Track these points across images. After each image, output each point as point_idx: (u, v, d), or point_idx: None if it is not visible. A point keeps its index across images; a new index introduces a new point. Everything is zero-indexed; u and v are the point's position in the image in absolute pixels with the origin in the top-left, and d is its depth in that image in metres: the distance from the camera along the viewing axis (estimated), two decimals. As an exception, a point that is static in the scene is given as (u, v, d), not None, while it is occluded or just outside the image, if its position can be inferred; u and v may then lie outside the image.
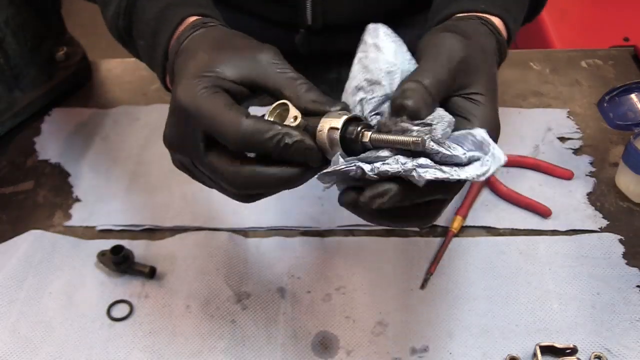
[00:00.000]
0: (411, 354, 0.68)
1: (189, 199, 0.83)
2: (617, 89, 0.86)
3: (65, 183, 0.86)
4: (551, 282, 0.74)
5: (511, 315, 0.71)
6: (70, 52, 1.00)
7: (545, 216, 0.80)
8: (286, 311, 0.71)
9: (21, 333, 0.70)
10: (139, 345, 0.69)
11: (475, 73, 0.56)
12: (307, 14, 0.94)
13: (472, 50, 0.56)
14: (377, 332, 0.70)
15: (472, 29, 0.60)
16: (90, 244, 0.78)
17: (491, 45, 0.61)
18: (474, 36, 0.58)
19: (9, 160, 0.90)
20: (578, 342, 0.68)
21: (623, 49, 1.06)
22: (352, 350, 0.68)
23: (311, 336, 0.69)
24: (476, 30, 0.61)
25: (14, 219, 0.82)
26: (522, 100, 0.97)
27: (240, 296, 0.72)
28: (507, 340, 0.69)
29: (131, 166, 0.88)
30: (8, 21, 0.90)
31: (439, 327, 0.70)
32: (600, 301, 0.72)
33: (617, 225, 0.79)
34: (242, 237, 0.79)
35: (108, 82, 1.03)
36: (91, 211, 0.82)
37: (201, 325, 0.70)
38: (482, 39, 0.60)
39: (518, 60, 1.03)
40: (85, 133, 0.93)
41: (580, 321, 0.70)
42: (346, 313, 0.71)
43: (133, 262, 0.75)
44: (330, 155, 0.51)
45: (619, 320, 0.70)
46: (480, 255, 0.76)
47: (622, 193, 0.83)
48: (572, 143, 0.90)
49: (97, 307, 0.72)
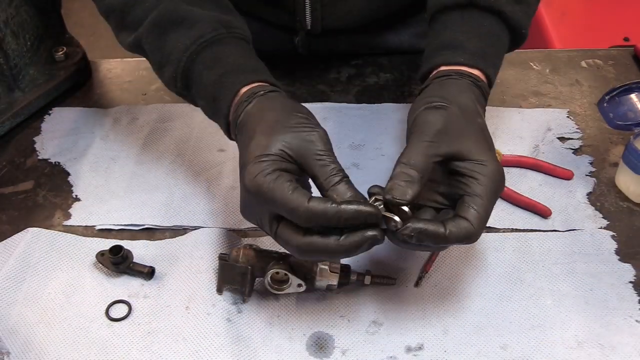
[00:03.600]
0: (406, 352, 0.68)
1: (188, 199, 0.83)
2: (617, 89, 0.86)
3: (65, 183, 0.86)
4: (544, 279, 0.74)
5: (505, 313, 0.71)
6: (70, 52, 1.00)
7: (545, 216, 0.80)
8: (281, 312, 0.71)
9: (20, 333, 0.70)
10: (138, 345, 0.69)
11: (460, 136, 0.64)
12: (306, 19, 0.95)
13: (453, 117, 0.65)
14: (372, 331, 0.70)
15: (454, 91, 0.68)
16: (89, 243, 0.78)
17: (472, 98, 0.68)
18: (453, 101, 0.66)
19: (9, 160, 0.90)
20: (571, 338, 0.68)
21: (623, 49, 1.06)
22: (348, 350, 0.68)
23: (306, 336, 0.69)
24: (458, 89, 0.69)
25: (14, 219, 0.82)
26: (522, 100, 0.97)
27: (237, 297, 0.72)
28: (502, 337, 0.69)
29: (131, 166, 0.88)
30: (8, 21, 0.90)
31: (433, 325, 0.70)
32: (594, 297, 0.72)
33: (617, 225, 0.79)
34: (240, 237, 0.79)
35: (108, 82, 1.03)
36: (91, 211, 0.82)
37: (200, 325, 0.70)
38: (463, 98, 0.67)
39: (518, 60, 1.03)
40: (85, 133, 0.93)
41: (574, 317, 0.70)
42: (341, 312, 0.71)
43: (132, 263, 0.75)
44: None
45: (612, 316, 0.70)
46: (474, 253, 0.76)
47: (622, 193, 0.83)
48: (572, 143, 0.90)
49: (96, 307, 0.72)
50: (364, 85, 1.00)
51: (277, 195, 0.60)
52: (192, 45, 0.71)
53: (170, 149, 0.90)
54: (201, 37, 0.71)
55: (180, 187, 0.85)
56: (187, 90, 0.73)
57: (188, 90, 0.73)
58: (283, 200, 0.59)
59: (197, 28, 0.71)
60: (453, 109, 0.65)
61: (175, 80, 0.72)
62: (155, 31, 0.73)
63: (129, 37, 0.76)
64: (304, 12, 0.94)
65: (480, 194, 0.62)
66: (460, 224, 0.60)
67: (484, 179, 0.62)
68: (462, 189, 0.62)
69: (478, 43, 0.73)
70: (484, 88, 0.71)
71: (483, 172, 0.62)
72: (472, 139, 0.64)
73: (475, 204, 0.61)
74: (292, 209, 0.59)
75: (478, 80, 0.71)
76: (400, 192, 0.60)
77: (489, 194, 0.62)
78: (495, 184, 0.63)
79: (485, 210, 0.62)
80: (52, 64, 0.99)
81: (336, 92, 0.99)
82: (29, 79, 0.95)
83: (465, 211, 0.61)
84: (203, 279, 0.74)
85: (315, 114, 0.94)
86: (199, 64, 0.71)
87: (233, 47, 0.72)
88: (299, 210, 0.59)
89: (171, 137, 0.92)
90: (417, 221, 0.60)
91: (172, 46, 0.72)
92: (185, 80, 0.72)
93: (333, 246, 0.60)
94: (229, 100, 0.68)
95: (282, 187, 0.60)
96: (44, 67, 0.98)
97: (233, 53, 0.71)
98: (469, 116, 0.66)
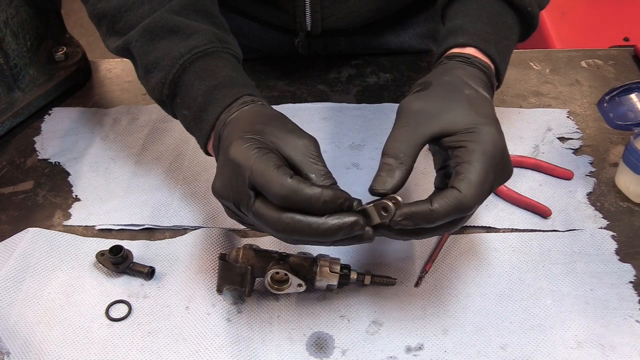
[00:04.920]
0: (406, 352, 0.68)
1: (188, 199, 0.83)
2: (617, 89, 0.86)
3: (64, 183, 0.86)
4: (545, 279, 0.74)
5: (505, 313, 0.71)
6: (70, 52, 1.00)
7: (545, 216, 0.80)
8: (281, 312, 0.71)
9: (20, 333, 0.70)
10: (138, 345, 0.69)
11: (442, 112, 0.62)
12: (307, 20, 0.95)
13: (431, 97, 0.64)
14: (372, 331, 0.70)
15: (438, 72, 0.68)
16: (89, 243, 0.78)
17: (458, 74, 0.67)
18: (434, 82, 0.65)
19: (9, 160, 0.90)
20: (571, 338, 0.68)
21: (623, 49, 1.06)
22: (348, 350, 0.68)
23: (306, 336, 0.69)
24: (442, 70, 0.68)
25: (14, 219, 0.82)
26: (522, 100, 0.97)
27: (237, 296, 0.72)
28: (502, 337, 0.69)
29: (131, 166, 0.88)
30: (8, 21, 0.90)
31: (433, 325, 0.70)
32: (594, 297, 0.72)
33: (617, 225, 0.79)
34: (240, 237, 0.79)
35: (108, 82, 1.03)
36: (90, 211, 0.82)
37: (200, 325, 0.70)
38: (447, 76, 0.66)
39: (518, 60, 1.03)
40: (85, 133, 0.93)
41: (574, 317, 0.70)
42: (341, 312, 0.71)
43: (132, 263, 0.75)
44: None
45: (612, 316, 0.70)
46: (474, 253, 0.76)
47: (622, 193, 0.83)
48: (572, 143, 0.90)
49: (96, 307, 0.72)
50: (364, 85, 1.00)
51: (262, 167, 0.59)
52: (187, 54, 0.71)
53: (170, 149, 0.90)
54: (196, 48, 0.71)
55: (180, 187, 0.85)
56: (171, 98, 0.72)
57: (172, 98, 0.72)
58: (267, 175, 0.58)
59: (193, 38, 0.71)
60: (433, 89, 0.64)
61: (163, 86, 0.71)
62: (147, 36, 0.72)
63: (118, 40, 0.75)
64: (304, 13, 0.94)
65: (469, 160, 0.59)
66: (447, 195, 0.58)
67: (471, 144, 0.59)
68: (455, 162, 0.60)
69: (478, 24, 0.71)
70: (479, 63, 0.69)
71: (471, 139, 0.60)
72: (457, 111, 0.62)
73: (464, 170, 0.58)
74: (273, 184, 0.58)
75: (469, 57, 0.68)
76: (380, 182, 0.59)
77: (482, 157, 0.59)
78: (488, 146, 0.60)
79: (477, 175, 0.58)
80: (52, 64, 0.99)
81: (336, 92, 0.99)
82: (29, 79, 0.95)
83: (454, 181, 0.59)
84: (203, 279, 0.74)
85: (315, 114, 0.95)
86: (190, 74, 0.71)
87: (226, 61, 0.72)
88: (282, 186, 0.57)
89: (171, 137, 0.92)
90: (404, 206, 0.59)
91: (164, 53, 0.71)
92: (173, 88, 0.72)
93: (311, 225, 0.58)
94: (218, 112, 0.68)
95: (267, 163, 0.59)
96: (44, 67, 0.98)
97: (226, 66, 0.71)
98: (451, 90, 0.64)
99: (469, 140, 0.60)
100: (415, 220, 0.58)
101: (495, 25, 0.73)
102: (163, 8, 0.73)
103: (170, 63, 0.71)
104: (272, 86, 1.00)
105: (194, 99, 0.70)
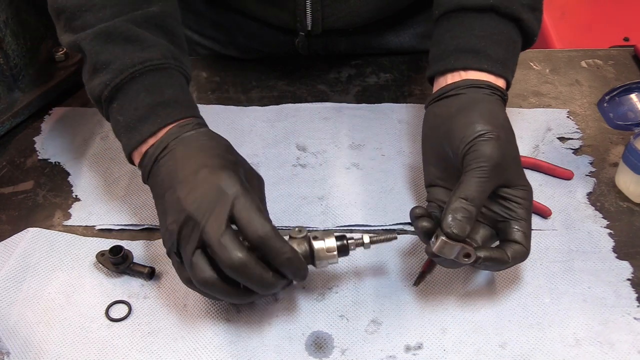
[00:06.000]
0: (405, 351, 0.68)
1: (188, 199, 0.83)
2: (617, 89, 0.86)
3: (64, 183, 0.86)
4: (542, 277, 0.74)
5: (504, 311, 0.71)
6: (70, 52, 1.00)
7: (545, 216, 0.80)
8: (280, 311, 0.71)
9: (20, 333, 0.70)
10: (138, 345, 0.69)
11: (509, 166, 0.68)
12: (307, 20, 0.95)
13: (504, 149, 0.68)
14: (371, 330, 0.70)
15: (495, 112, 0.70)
16: (89, 243, 0.78)
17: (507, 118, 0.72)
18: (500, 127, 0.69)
19: (9, 160, 0.90)
20: (570, 335, 0.68)
21: (623, 49, 1.06)
22: (347, 349, 0.68)
23: (305, 336, 0.69)
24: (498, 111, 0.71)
25: (14, 219, 0.82)
26: (522, 100, 0.97)
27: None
28: (501, 335, 0.69)
29: (131, 166, 0.88)
30: (8, 21, 0.90)
31: (432, 324, 0.70)
32: (592, 295, 0.72)
33: (617, 225, 0.79)
34: (241, 237, 0.79)
35: (108, 82, 1.03)
36: (91, 211, 0.82)
37: (199, 325, 0.70)
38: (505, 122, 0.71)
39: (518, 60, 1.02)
40: (85, 133, 0.93)
41: (572, 315, 0.70)
42: (340, 312, 0.71)
43: (132, 263, 0.75)
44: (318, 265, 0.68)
45: (610, 314, 0.70)
46: (474, 253, 0.76)
47: (622, 193, 0.83)
48: (572, 143, 0.90)
49: (96, 307, 0.72)
50: (364, 85, 1.00)
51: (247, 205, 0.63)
52: (139, 64, 0.71)
53: (170, 149, 0.90)
54: (149, 60, 0.72)
55: (180, 187, 0.85)
56: (108, 101, 0.73)
57: (109, 101, 0.73)
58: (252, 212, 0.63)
59: (148, 51, 0.72)
60: (502, 138, 0.68)
61: (105, 88, 0.72)
62: (103, 39, 0.73)
63: (72, 37, 0.75)
64: (304, 13, 0.94)
65: (525, 217, 0.68)
66: (516, 248, 0.67)
67: (525, 202, 0.68)
68: (508, 214, 0.68)
69: (500, 50, 0.74)
70: (501, 94, 0.74)
71: (524, 197, 0.68)
72: (515, 165, 0.69)
73: (522, 227, 0.67)
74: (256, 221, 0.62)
75: (504, 95, 0.74)
76: (461, 228, 0.64)
77: (529, 215, 0.69)
78: (531, 202, 0.69)
79: (530, 231, 0.68)
80: (52, 64, 0.99)
81: (336, 92, 0.99)
82: (29, 79, 0.95)
83: (517, 235, 0.67)
84: (203, 279, 0.74)
85: (315, 114, 0.95)
86: (138, 84, 0.71)
87: (175, 80, 0.74)
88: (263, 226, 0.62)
89: (171, 137, 0.92)
90: (481, 250, 0.65)
91: (116, 57, 0.72)
92: (115, 93, 0.72)
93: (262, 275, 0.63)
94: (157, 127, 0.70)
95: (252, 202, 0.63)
96: (44, 67, 0.98)
97: (174, 85, 0.73)
98: (512, 142, 0.70)
99: (523, 197, 0.68)
100: (492, 265, 0.66)
101: (512, 54, 0.77)
102: (125, 16, 0.74)
103: (120, 69, 0.71)
104: (272, 86, 1.00)
105: (135, 108, 0.71)
